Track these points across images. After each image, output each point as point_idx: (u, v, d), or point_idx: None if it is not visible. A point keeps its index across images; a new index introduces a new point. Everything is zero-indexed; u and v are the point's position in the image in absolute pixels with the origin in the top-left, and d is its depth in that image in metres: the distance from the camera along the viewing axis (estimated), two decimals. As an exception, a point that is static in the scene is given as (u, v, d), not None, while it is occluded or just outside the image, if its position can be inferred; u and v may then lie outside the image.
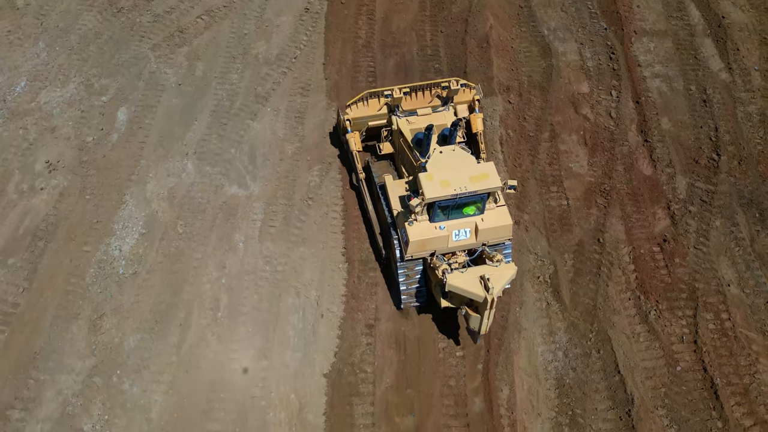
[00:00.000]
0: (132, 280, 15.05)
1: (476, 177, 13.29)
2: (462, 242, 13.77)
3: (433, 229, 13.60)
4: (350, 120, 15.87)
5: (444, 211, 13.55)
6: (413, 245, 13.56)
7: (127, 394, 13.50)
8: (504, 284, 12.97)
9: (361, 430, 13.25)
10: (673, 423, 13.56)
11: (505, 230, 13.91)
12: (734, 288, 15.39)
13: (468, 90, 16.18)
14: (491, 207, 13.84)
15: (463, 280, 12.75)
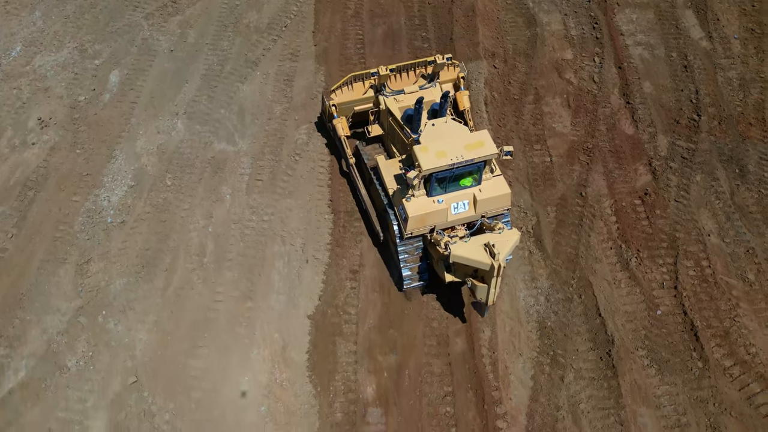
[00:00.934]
0: (120, 228, 15.25)
1: (471, 145, 13.14)
2: (461, 215, 13.62)
3: (432, 204, 13.43)
4: (336, 105, 15.59)
5: (441, 185, 13.40)
6: (412, 221, 13.35)
7: (112, 332, 13.62)
8: (509, 250, 12.83)
9: (343, 367, 13.35)
10: (654, 363, 13.66)
11: (503, 200, 13.82)
12: (714, 238, 15.60)
13: (452, 68, 16.16)
14: (488, 177, 13.75)
15: (468, 249, 12.56)
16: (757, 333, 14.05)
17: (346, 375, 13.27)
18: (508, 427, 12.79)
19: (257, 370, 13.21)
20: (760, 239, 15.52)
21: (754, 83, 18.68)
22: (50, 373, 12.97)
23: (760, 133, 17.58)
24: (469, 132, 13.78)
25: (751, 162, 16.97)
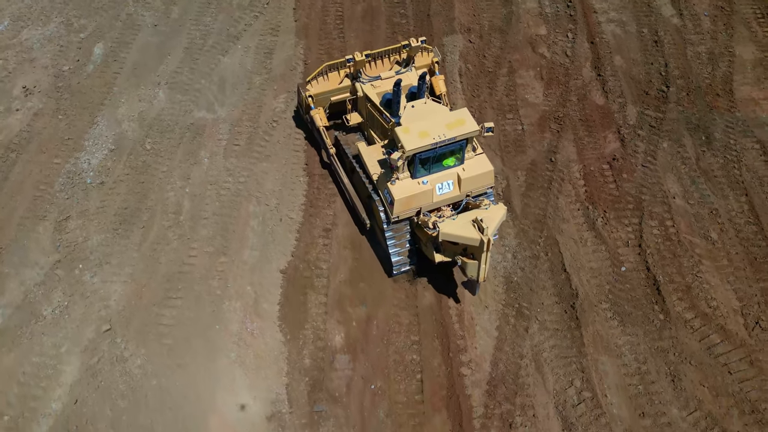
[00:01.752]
0: (98, 189, 15.63)
1: (452, 124, 13.19)
2: (446, 195, 13.67)
3: (417, 185, 13.45)
4: (312, 96, 15.52)
5: (425, 166, 13.43)
6: (399, 204, 13.32)
7: (88, 284, 13.95)
8: (497, 224, 12.98)
9: (313, 317, 13.67)
10: (616, 315, 14.00)
11: (486, 177, 13.89)
12: (679, 200, 15.99)
13: (427, 53, 16.21)
14: (470, 156, 13.81)
15: (456, 227, 12.68)
16: (718, 288, 14.40)
17: (315, 324, 13.59)
18: (472, 373, 13.10)
19: (228, 320, 13.53)
20: (724, 201, 15.92)
21: (722, 57, 19.18)
22: (26, 321, 13.29)
23: (726, 103, 18.04)
24: (449, 111, 13.87)
25: (718, 130, 17.41)
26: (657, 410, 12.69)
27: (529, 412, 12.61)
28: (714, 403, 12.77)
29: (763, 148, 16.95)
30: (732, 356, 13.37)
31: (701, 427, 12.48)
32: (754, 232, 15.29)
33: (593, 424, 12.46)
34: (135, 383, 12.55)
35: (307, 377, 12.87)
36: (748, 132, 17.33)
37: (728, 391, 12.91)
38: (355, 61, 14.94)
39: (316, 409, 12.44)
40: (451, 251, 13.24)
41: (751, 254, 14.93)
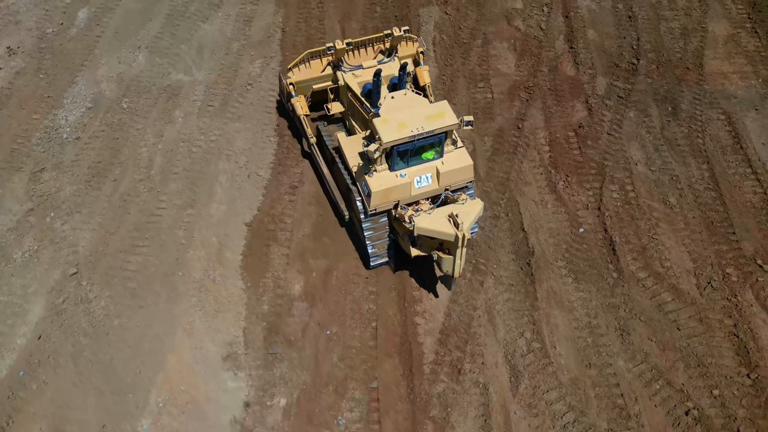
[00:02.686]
0: (74, 144, 16.10)
1: (432, 116, 12.91)
2: (425, 189, 13.39)
3: (395, 178, 13.16)
4: (293, 84, 15.25)
5: (403, 158, 13.16)
6: (375, 196, 13.03)
7: (58, 231, 14.41)
8: (473, 220, 12.76)
9: (274, 267, 14.07)
10: (571, 273, 14.31)
11: (466, 171, 13.58)
12: (641, 166, 16.27)
13: (411, 43, 15.91)
14: (450, 150, 13.52)
15: (432, 221, 12.52)
16: (673, 249, 14.69)
17: (276, 274, 13.99)
18: (426, 323, 13.46)
19: (192, 267, 13.96)
20: (685, 168, 16.19)
21: (695, 33, 19.43)
22: (-3, 264, 13.80)
23: (696, 76, 18.29)
24: (429, 103, 13.60)
25: (685, 101, 17.67)
26: (604, 361, 13.01)
27: (478, 360, 12.95)
28: (660, 357, 13.07)
29: (728, 118, 17.21)
30: (682, 314, 13.66)
31: (646, 378, 12.79)
32: (713, 198, 15.56)
33: (540, 373, 12.79)
34: (97, 322, 13.00)
35: (264, 322, 13.27)
36: (715, 104, 17.59)
37: (675, 346, 13.21)
38: (336, 49, 14.55)
39: (271, 351, 12.84)
40: (427, 246, 13.11)
41: (708, 218, 15.20)
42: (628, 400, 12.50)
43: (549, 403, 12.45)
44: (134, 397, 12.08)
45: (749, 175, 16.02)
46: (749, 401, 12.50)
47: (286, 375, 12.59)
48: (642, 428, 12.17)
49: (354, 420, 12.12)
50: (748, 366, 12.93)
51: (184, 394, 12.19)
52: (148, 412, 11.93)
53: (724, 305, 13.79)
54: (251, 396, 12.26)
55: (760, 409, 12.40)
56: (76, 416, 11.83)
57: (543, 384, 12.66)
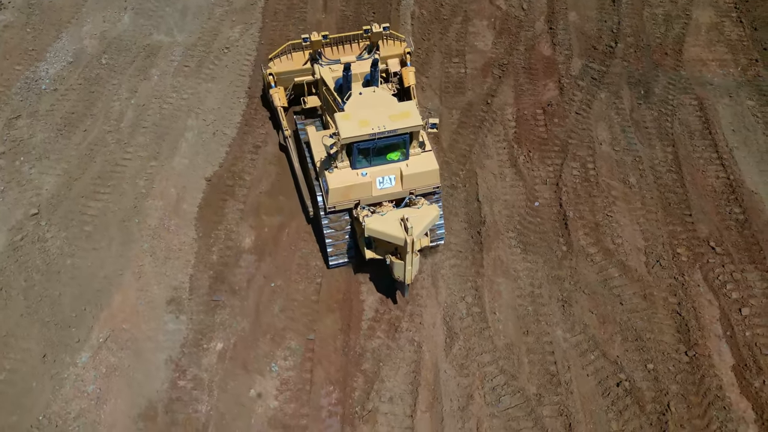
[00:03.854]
0: (51, 94, 16.64)
1: (396, 116, 12.45)
2: (387, 190, 12.91)
3: (355, 176, 12.73)
4: (273, 75, 14.98)
5: (366, 157, 12.76)
6: (334, 193, 12.66)
7: (25, 174, 14.94)
8: (425, 226, 12.27)
9: (228, 220, 14.41)
10: (521, 244, 14.38)
11: (431, 176, 13.06)
12: (606, 146, 16.24)
13: (399, 43, 15.56)
14: (416, 152, 13.06)
15: (382, 223, 12.12)
16: (626, 227, 14.66)
17: (229, 227, 14.33)
18: (370, 282, 13.65)
19: (148, 215, 14.37)
20: (650, 150, 16.11)
21: (678, 19, 19.27)
22: (-37, 201, 14.37)
23: (673, 62, 18.15)
24: (398, 102, 13.10)
25: (658, 86, 17.56)
26: (542, 330, 13.07)
27: (416, 320, 13.12)
28: (599, 329, 13.09)
29: (701, 104, 17.06)
30: (627, 289, 13.65)
31: (582, 348, 12.82)
32: (674, 180, 15.47)
33: (476, 336, 12.91)
34: (51, 260, 13.48)
35: (211, 270, 13.62)
36: (689, 89, 17.44)
37: (616, 320, 13.22)
38: (311, 41, 14.23)
39: (215, 299, 13.18)
40: (383, 249, 12.66)
41: (666, 199, 15.13)
42: (560, 367, 12.56)
43: (481, 365, 12.57)
44: (77, 332, 12.52)
45: (714, 159, 15.89)
46: (684, 378, 12.46)
47: (226, 321, 12.92)
48: (571, 395, 12.22)
49: (287, 368, 12.40)
50: (687, 344, 12.89)
51: (125, 332, 12.60)
52: (89, 346, 12.36)
53: (670, 283, 13.74)
54: (189, 338, 12.62)
55: (694, 386, 12.35)
56: (21, 345, 12.31)
57: (477, 347, 12.78)
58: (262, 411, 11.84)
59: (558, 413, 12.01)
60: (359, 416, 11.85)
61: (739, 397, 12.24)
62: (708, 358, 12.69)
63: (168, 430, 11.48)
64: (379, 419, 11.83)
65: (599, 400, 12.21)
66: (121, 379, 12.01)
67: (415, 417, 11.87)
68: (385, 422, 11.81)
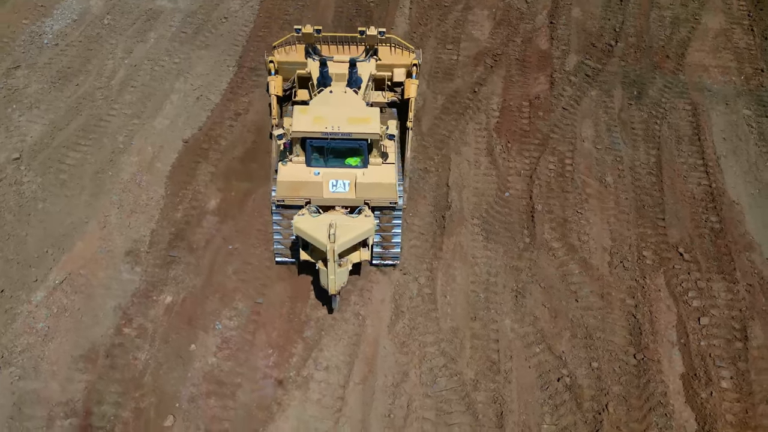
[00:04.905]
0: (52, 49, 17.28)
1: (355, 119, 11.80)
2: (340, 195, 12.21)
3: (307, 174, 12.13)
4: (274, 62, 14.38)
5: (321, 156, 12.17)
6: (282, 186, 12.11)
7: (14, 121, 15.56)
8: (353, 237, 11.55)
9: (197, 181, 14.69)
10: (483, 232, 14.22)
11: (387, 190, 12.19)
12: (588, 143, 15.90)
13: (407, 53, 14.70)
14: (377, 162, 12.35)
15: (310, 224, 11.51)
16: (595, 226, 14.34)
17: (197, 188, 14.62)
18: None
19: (122, 170, 14.78)
20: (632, 151, 15.71)
21: (686, 23, 18.70)
22: (-47, 141, 15.07)
23: (674, 65, 17.63)
24: (365, 106, 12.51)
25: (654, 88, 17.08)
26: (490, 317, 12.92)
27: (366, 295, 13.13)
28: (549, 323, 12.85)
29: (694, 109, 16.54)
30: (585, 287, 13.36)
31: (528, 340, 12.63)
32: (652, 183, 15.05)
33: (422, 316, 12.85)
34: (24, 203, 14.02)
35: (173, 228, 13.93)
36: (685, 94, 16.92)
37: (568, 316, 12.96)
38: (303, 33, 13.68)
39: (171, 254, 13.48)
40: (318, 253, 11.93)
41: (641, 201, 14.73)
42: (502, 356, 12.40)
43: (422, 345, 12.51)
44: (36, 271, 13.00)
45: (699, 166, 15.38)
46: (628, 380, 12.15)
47: (179, 277, 13.20)
48: (508, 384, 12.06)
49: (231, 328, 12.60)
50: (637, 347, 12.55)
51: (81, 277, 13.01)
52: (45, 287, 12.82)
53: (630, 285, 13.39)
54: (141, 289, 12.94)
55: (637, 390, 12.03)
56: (-18, 279, 12.89)
57: (422, 327, 12.73)
58: (199, 366, 12.08)
59: (492, 401, 11.88)
60: (293, 381, 11.97)
61: (683, 406, 11.88)
62: (657, 363, 12.34)
63: (105, 373, 11.83)
64: (311, 386, 11.92)
65: (537, 392, 12.01)
66: (70, 320, 12.43)
67: (347, 388, 11.92)
68: (317, 390, 11.89)
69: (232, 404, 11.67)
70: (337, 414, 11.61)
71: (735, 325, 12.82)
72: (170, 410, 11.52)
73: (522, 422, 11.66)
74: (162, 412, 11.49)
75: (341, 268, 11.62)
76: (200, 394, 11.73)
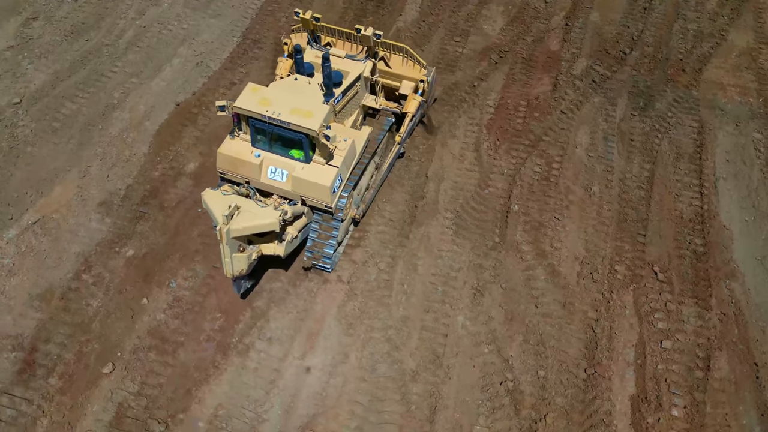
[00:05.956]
0: (70, 4, 17.91)
1: (299, 111, 11.62)
2: (276, 183, 12.10)
3: (247, 153, 12.05)
4: (287, 43, 14.42)
5: (265, 139, 12.05)
6: (220, 158, 12.18)
7: (22, 67, 16.21)
8: (250, 226, 11.13)
9: (181, 144, 14.95)
10: (454, 226, 13.92)
11: (319, 191, 11.95)
12: (580, 150, 15.33)
13: (419, 68, 14.40)
14: (320, 162, 12.08)
15: (214, 199, 11.37)
16: (571, 234, 13.83)
17: (179, 150, 14.87)
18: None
19: (112, 125, 15.20)
20: (625, 163, 15.05)
21: (710, 38, 17.76)
22: (-36, 80, 15.84)
23: (688, 80, 16.78)
24: (322, 103, 12.12)
25: (662, 101, 16.30)
26: (444, 311, 12.65)
27: (323, 273, 13.08)
28: (503, 325, 12.49)
29: (701, 127, 15.70)
30: (548, 294, 12.92)
31: (478, 339, 12.31)
32: (640, 197, 14.38)
33: (375, 301, 12.69)
34: (15, 144, 14.61)
35: (148, 185, 14.22)
36: (694, 110, 16.08)
37: (524, 321, 12.56)
38: (301, 18, 13.53)
39: (141, 210, 13.78)
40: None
41: (624, 215, 14.11)
42: (448, 351, 12.13)
43: (369, 329, 12.37)
44: (13, 210, 13.53)
45: (694, 186, 14.60)
46: (573, 394, 11.68)
47: (145, 233, 13.48)
48: (449, 380, 11.79)
49: (185, 287, 12.77)
50: (590, 361, 12.05)
51: (53, 221, 13.46)
52: (18, 225, 13.33)
53: (596, 298, 12.86)
54: (106, 239, 13.29)
55: (581, 404, 11.56)
56: (-37, 211, 13.51)
57: (372, 311, 12.58)
58: (147, 320, 12.31)
59: (429, 394, 11.63)
60: (234, 347, 12.05)
61: (627, 428, 11.34)
62: (607, 381, 11.82)
63: (57, 315, 12.22)
64: (251, 355, 11.97)
65: (476, 392, 11.69)
66: (34, 259, 12.88)
67: (284, 361, 11.91)
68: (256, 359, 11.93)
69: (171, 361, 11.85)
70: (271, 385, 11.63)
71: (699, 353, 12.14)
72: (111, 358, 11.80)
73: (455, 420, 11.39)
74: (103, 359, 11.78)
75: (242, 253, 11.27)
76: (142, 347, 11.96)
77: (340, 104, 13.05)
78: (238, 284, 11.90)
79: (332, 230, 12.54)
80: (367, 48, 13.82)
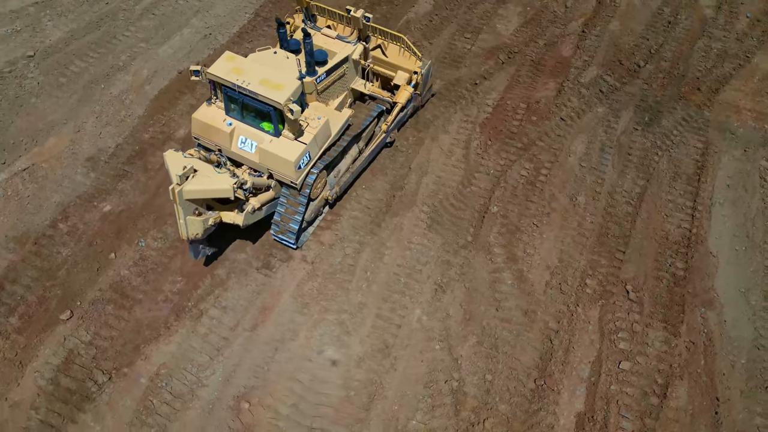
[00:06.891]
0: (98, -32, 18.60)
1: (268, 82, 11.57)
2: (245, 153, 12.17)
3: (220, 120, 12.15)
4: (289, 23, 14.46)
5: (237, 107, 12.08)
6: (195, 123, 12.31)
7: (42, 23, 16.88)
8: (204, 189, 11.08)
9: (176, 111, 15.27)
10: (429, 219, 13.72)
11: (283, 165, 11.92)
12: (573, 158, 14.85)
13: (414, 59, 14.36)
14: (288, 137, 12.03)
15: (173, 159, 11.30)
16: (547, 242, 13.41)
17: (173, 117, 15.20)
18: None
19: (114, 86, 15.66)
20: (618, 177, 14.48)
21: (733, 59, 16.89)
22: (-13, 31, 16.65)
23: (702, 99, 16.01)
24: (293, 78, 11.97)
25: (670, 118, 15.62)
26: (403, 303, 12.48)
27: (288, 251, 13.09)
28: (459, 324, 12.23)
29: (705, 149, 14.96)
30: (511, 299, 12.57)
31: (430, 335, 12.09)
32: (626, 213, 13.81)
33: (335, 285, 12.64)
34: (20, 95, 15.25)
35: (137, 146, 14.60)
36: (702, 131, 15.33)
37: (481, 323, 12.26)
38: None
39: (126, 169, 14.15)
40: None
41: (606, 229, 13.58)
42: (398, 343, 11.97)
43: (324, 310, 12.33)
44: (7, 155, 14.13)
45: (686, 208, 13.92)
46: (518, 402, 11.34)
47: (125, 191, 13.83)
48: (393, 371, 11.63)
49: (153, 248, 13.05)
50: (541, 372, 11.66)
51: (41, 169, 13.98)
52: (9, 171, 13.91)
53: (560, 309, 12.44)
54: (87, 193, 13.70)
55: (524, 414, 11.20)
56: (-38, 152, 14.18)
57: (330, 293, 12.54)
58: (111, 274, 12.64)
59: (369, 382, 11.52)
60: (188, 311, 12.23)
61: (567, 445, 10.93)
62: (556, 394, 11.41)
63: (28, 258, 12.68)
64: (203, 321, 12.12)
65: (419, 387, 11.49)
66: (17, 203, 13.42)
67: (234, 331, 12.01)
68: (208, 325, 12.08)
69: (126, 316, 12.13)
70: (216, 352, 11.74)
71: (658, 379, 11.57)
72: (70, 306, 12.17)
73: (392, 411, 11.24)
74: (62, 306, 12.16)
75: (197, 217, 11.30)
76: (102, 300, 12.28)
77: (322, 84, 13.06)
78: (195, 248, 11.99)
79: (298, 206, 12.54)
80: (359, 31, 13.77)
